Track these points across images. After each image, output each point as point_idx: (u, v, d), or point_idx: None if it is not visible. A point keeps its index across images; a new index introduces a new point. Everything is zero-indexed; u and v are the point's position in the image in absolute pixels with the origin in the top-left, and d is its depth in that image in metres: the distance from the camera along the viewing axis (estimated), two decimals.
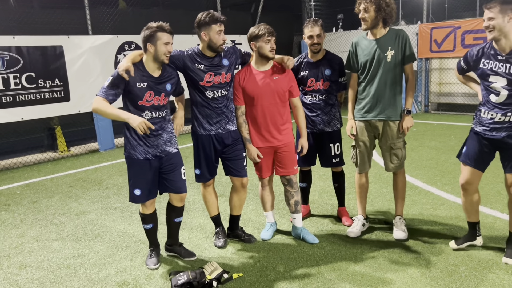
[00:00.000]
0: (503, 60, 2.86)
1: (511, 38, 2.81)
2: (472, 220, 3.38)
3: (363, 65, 3.58)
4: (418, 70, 10.18)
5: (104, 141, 8.02)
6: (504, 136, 2.99)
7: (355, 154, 3.80)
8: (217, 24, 3.30)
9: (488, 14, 2.83)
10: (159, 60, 3.12)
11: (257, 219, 4.31)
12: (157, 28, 3.07)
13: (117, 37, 7.97)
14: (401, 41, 3.50)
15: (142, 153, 3.18)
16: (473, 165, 3.20)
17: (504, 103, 2.93)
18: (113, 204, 5.01)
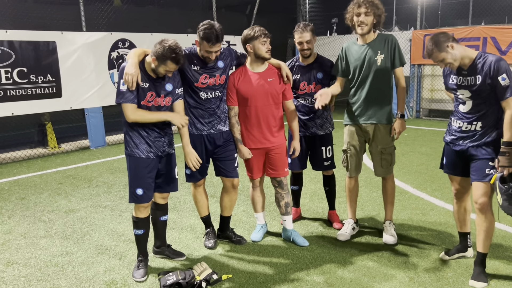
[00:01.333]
0: (464, 74, 2.99)
1: (465, 55, 2.93)
2: (463, 230, 3.39)
3: (354, 70, 3.60)
4: (410, 76, 10.26)
5: (95, 138, 7.97)
6: (469, 146, 3.04)
7: (345, 158, 3.82)
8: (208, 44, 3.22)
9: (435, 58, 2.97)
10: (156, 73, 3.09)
11: (247, 221, 4.31)
12: (170, 58, 2.94)
13: (111, 34, 7.93)
14: (390, 46, 3.54)
15: (144, 151, 3.16)
16: (457, 173, 3.25)
17: (469, 112, 3.02)
18: (103, 202, 4.97)
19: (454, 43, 2.91)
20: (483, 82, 2.88)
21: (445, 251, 3.46)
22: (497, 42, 8.90)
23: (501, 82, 2.82)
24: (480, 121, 2.98)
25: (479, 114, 2.98)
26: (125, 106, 3.04)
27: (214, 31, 3.20)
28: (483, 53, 2.95)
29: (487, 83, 2.87)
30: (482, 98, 2.94)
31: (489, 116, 2.97)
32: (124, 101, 3.04)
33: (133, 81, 2.98)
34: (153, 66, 3.01)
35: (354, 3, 3.47)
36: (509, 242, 3.66)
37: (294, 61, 4.02)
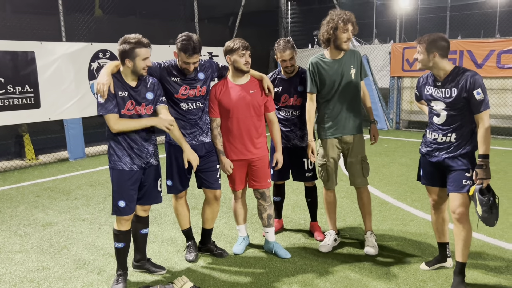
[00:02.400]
0: (439, 85, 3.06)
1: (442, 67, 3.02)
2: (442, 241, 3.43)
3: (330, 85, 3.64)
4: (390, 88, 10.44)
5: (75, 150, 7.83)
6: (445, 158, 3.10)
7: (325, 171, 3.83)
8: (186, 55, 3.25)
9: (418, 48, 3.06)
10: (137, 74, 3.09)
11: (229, 233, 4.27)
12: (135, 43, 3.01)
13: (91, 44, 7.86)
14: (358, 60, 3.70)
15: (128, 163, 3.13)
16: (434, 184, 3.29)
17: (444, 123, 3.08)
18: (82, 216, 4.87)
19: (439, 56, 2.98)
20: (458, 95, 2.96)
21: (425, 262, 3.50)
22: (473, 56, 9.15)
23: (476, 96, 2.90)
24: (455, 133, 3.05)
25: (453, 126, 3.04)
26: (108, 117, 3.02)
27: (191, 43, 3.22)
28: (458, 67, 3.03)
29: (463, 96, 2.94)
30: (456, 110, 3.01)
31: (463, 128, 3.03)
32: (105, 112, 3.01)
33: (105, 90, 2.97)
34: (132, 68, 3.04)
35: (340, 18, 3.49)
36: (487, 252, 3.72)
37: (276, 73, 4.04)
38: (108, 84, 3.01)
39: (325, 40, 3.58)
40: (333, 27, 3.49)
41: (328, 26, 3.52)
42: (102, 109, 3.03)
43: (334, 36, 3.52)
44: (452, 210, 3.09)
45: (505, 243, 3.89)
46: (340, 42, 3.52)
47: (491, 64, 8.90)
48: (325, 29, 3.55)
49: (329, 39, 3.55)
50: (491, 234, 4.04)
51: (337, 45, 3.55)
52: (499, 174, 6.19)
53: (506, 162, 6.92)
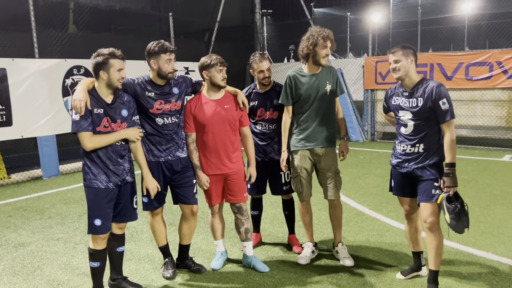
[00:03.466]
0: (407, 95, 3.17)
1: (412, 76, 3.14)
2: (416, 250, 3.50)
3: (305, 99, 3.72)
4: (364, 100, 10.65)
5: (48, 167, 7.66)
6: (414, 168, 3.19)
7: (298, 182, 3.87)
8: (166, 53, 3.32)
9: (393, 57, 3.16)
10: (113, 87, 3.10)
11: (207, 248, 4.25)
12: (109, 55, 3.05)
13: (65, 61, 7.77)
14: (334, 76, 3.81)
15: (103, 181, 3.09)
16: (405, 195, 3.37)
17: (411, 134, 3.18)
18: (56, 235, 4.76)
19: (415, 61, 3.13)
20: (424, 104, 3.06)
21: (401, 271, 3.55)
22: (443, 68, 9.44)
23: (442, 106, 3.01)
24: (422, 143, 3.14)
25: (420, 136, 3.14)
26: (81, 135, 3.00)
27: (164, 43, 3.36)
28: (425, 78, 3.15)
29: (429, 106, 3.05)
30: (423, 120, 3.11)
31: (430, 138, 3.13)
32: (79, 130, 2.99)
33: (82, 106, 2.95)
34: (107, 81, 3.06)
35: (320, 35, 3.58)
36: (460, 259, 3.81)
37: (251, 88, 4.09)
38: (85, 101, 2.99)
39: (304, 55, 3.67)
40: (313, 43, 3.59)
41: (308, 42, 3.61)
42: (76, 126, 3.01)
43: (313, 52, 3.61)
44: (423, 220, 3.16)
45: (477, 250, 3.99)
46: (319, 58, 3.62)
47: (460, 76, 9.21)
48: (304, 45, 3.64)
49: (308, 54, 3.64)
50: (463, 242, 4.14)
51: (316, 60, 3.65)
52: (470, 182, 6.37)
53: (477, 171, 7.13)
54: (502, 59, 8.65)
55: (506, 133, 9.03)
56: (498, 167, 7.37)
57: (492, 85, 8.88)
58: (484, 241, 4.19)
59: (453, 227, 3.02)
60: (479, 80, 8.99)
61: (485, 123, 9.18)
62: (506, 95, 8.86)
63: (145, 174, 3.32)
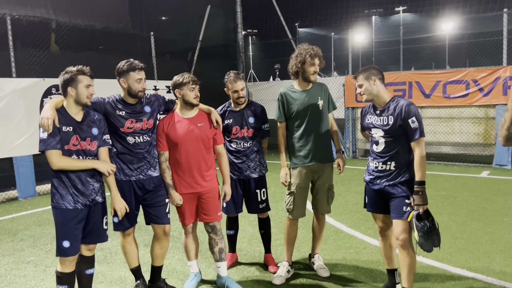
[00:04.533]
0: (378, 114, 3.23)
1: (382, 95, 3.19)
2: (390, 267, 3.49)
3: (298, 114, 3.77)
4: (345, 118, 10.74)
5: (24, 188, 7.50)
6: (386, 185, 3.21)
7: (292, 200, 3.86)
8: (135, 71, 3.31)
9: (356, 83, 3.25)
10: (81, 103, 3.07)
11: (182, 270, 4.17)
12: (77, 71, 3.05)
13: (43, 80, 7.70)
14: (325, 92, 3.87)
15: (71, 202, 3.03)
16: (378, 211, 3.39)
17: (383, 151, 3.21)
18: (27, 258, 4.62)
19: (379, 81, 3.16)
20: (394, 123, 3.10)
21: None
22: (421, 86, 9.61)
23: (411, 125, 3.04)
24: (394, 161, 3.17)
25: (391, 154, 3.17)
26: (49, 153, 2.95)
27: (133, 61, 3.35)
28: (396, 97, 3.19)
29: (398, 124, 3.08)
30: (393, 138, 3.14)
31: (401, 156, 3.16)
32: (47, 148, 2.95)
33: (49, 124, 2.91)
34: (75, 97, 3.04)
35: (308, 52, 3.67)
36: (435, 276, 3.80)
37: (226, 106, 4.09)
38: (52, 118, 2.96)
39: (294, 72, 3.78)
40: (301, 61, 3.69)
41: (297, 60, 3.71)
42: (43, 144, 2.97)
43: (302, 69, 3.71)
44: (395, 237, 3.16)
45: (452, 267, 3.99)
46: (308, 74, 3.71)
47: (438, 94, 9.37)
48: (293, 63, 3.74)
49: (298, 72, 3.74)
50: (439, 259, 4.14)
51: (305, 77, 3.74)
52: (449, 199, 6.42)
53: (455, 187, 7.19)
54: (478, 77, 8.85)
55: (484, 150, 9.17)
56: (476, 183, 7.45)
57: (469, 103, 9.05)
58: (460, 257, 4.19)
59: (421, 245, 3.01)
60: (456, 97, 9.16)
61: (464, 140, 9.31)
62: (482, 112, 9.03)
63: (113, 194, 3.26)
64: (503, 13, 8.84)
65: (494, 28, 12.53)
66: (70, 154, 3.03)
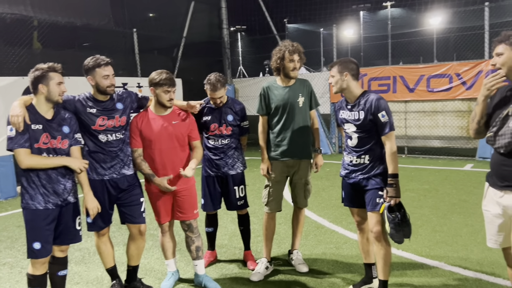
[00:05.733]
0: (349, 108, 3.22)
1: (352, 90, 3.19)
2: (367, 261, 3.50)
3: (277, 109, 3.77)
4: (331, 113, 10.74)
5: (5, 188, 7.39)
6: (360, 179, 3.22)
7: (267, 194, 3.84)
8: (101, 67, 3.24)
9: (331, 72, 3.23)
10: (53, 101, 3.00)
11: (160, 269, 4.13)
12: (48, 68, 2.97)
13: (23, 78, 7.55)
14: (308, 89, 3.86)
15: (42, 202, 2.96)
16: (354, 205, 3.40)
17: (357, 145, 3.21)
18: (3, 259, 4.54)
19: (350, 76, 3.14)
20: (365, 117, 3.09)
21: (353, 284, 3.53)
22: (405, 81, 9.63)
23: (381, 119, 3.04)
24: (367, 155, 3.16)
25: (365, 148, 3.16)
26: (17, 152, 2.89)
27: (99, 57, 3.28)
28: (367, 92, 3.17)
29: (369, 119, 3.07)
30: (365, 132, 3.14)
31: (374, 149, 3.16)
32: (14, 147, 2.88)
33: (20, 122, 2.84)
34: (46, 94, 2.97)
35: (287, 48, 3.68)
36: (413, 270, 3.81)
37: (205, 101, 4.04)
38: (22, 116, 2.88)
39: (275, 68, 3.80)
40: (280, 57, 3.70)
41: (276, 56, 3.73)
42: (11, 143, 2.89)
43: (282, 65, 3.71)
44: (370, 229, 3.18)
45: (431, 260, 4.00)
46: (288, 70, 3.72)
47: (422, 88, 9.41)
48: (274, 59, 3.76)
49: (278, 68, 3.75)
50: (417, 252, 4.15)
51: (285, 73, 3.75)
52: (431, 192, 6.44)
53: (439, 180, 7.22)
54: (461, 71, 8.89)
55: (468, 143, 9.23)
56: (459, 176, 7.50)
57: (452, 96, 9.10)
58: (438, 250, 4.21)
59: (392, 236, 3.04)
60: (440, 91, 9.20)
61: (448, 133, 9.37)
62: (465, 105, 9.08)
63: (85, 192, 3.21)
64: (485, 6, 8.88)
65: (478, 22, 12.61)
66: (40, 152, 2.96)
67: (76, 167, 3.07)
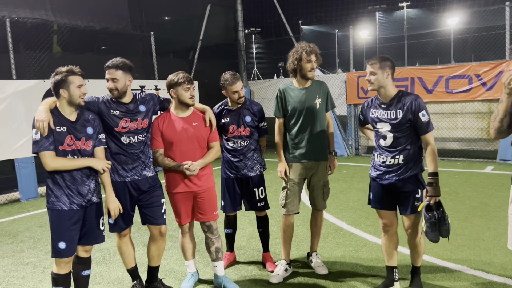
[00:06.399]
0: (385, 107, 3.19)
1: (389, 89, 3.16)
2: (390, 264, 3.46)
3: (294, 111, 3.76)
4: (347, 115, 10.68)
5: (27, 190, 7.53)
6: (396, 180, 3.20)
7: (285, 196, 3.84)
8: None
9: (370, 69, 3.17)
10: (75, 104, 3.05)
11: (180, 269, 4.15)
12: (67, 72, 3.02)
13: (44, 81, 7.71)
14: (324, 91, 3.84)
15: (67, 203, 3.01)
16: (384, 207, 3.36)
17: (391, 145, 3.20)
18: (26, 259, 4.63)
19: (390, 74, 3.13)
20: (404, 117, 3.08)
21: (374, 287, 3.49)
22: (423, 82, 9.52)
23: (422, 118, 3.05)
24: (402, 155, 3.16)
25: (400, 148, 3.17)
26: (43, 155, 2.95)
27: (114, 61, 3.33)
28: (402, 91, 3.18)
29: (408, 118, 3.07)
30: (401, 132, 3.13)
31: (409, 150, 3.16)
32: (40, 150, 2.94)
33: (45, 127, 2.90)
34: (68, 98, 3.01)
35: (304, 49, 3.66)
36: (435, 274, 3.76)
37: (223, 104, 4.06)
38: (47, 121, 2.94)
39: (292, 70, 3.77)
40: (297, 58, 3.68)
41: (293, 57, 3.71)
42: (36, 146, 2.96)
43: (299, 66, 3.69)
44: (405, 228, 3.28)
45: (453, 264, 3.94)
46: (305, 71, 3.70)
47: (441, 90, 9.28)
48: (290, 60, 3.75)
49: (295, 69, 3.74)
50: (439, 256, 4.10)
51: (303, 74, 3.72)
52: (451, 195, 6.35)
53: (458, 183, 7.12)
54: (481, 71, 8.74)
55: (488, 145, 9.07)
56: (479, 179, 7.37)
57: (472, 98, 8.96)
58: (460, 254, 4.14)
59: (428, 235, 3.08)
60: (459, 93, 9.06)
61: (467, 135, 9.22)
62: (486, 107, 8.93)
63: (107, 193, 3.25)
64: (505, 6, 8.73)
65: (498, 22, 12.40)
66: (65, 154, 3.02)
67: (100, 167, 3.12)
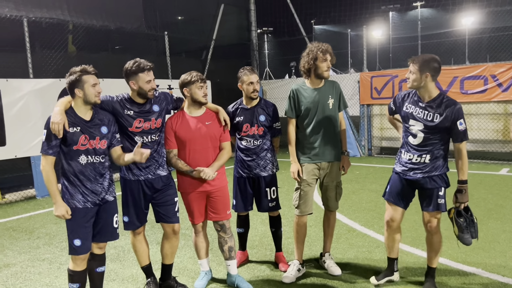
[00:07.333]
0: (422, 107, 3.18)
1: (429, 90, 3.16)
2: (391, 256, 3.59)
3: (307, 112, 3.75)
4: (360, 115, 10.63)
5: (42, 187, 7.63)
6: (420, 177, 3.24)
7: (298, 196, 3.83)
8: (144, 72, 3.30)
9: (410, 67, 3.17)
10: (90, 102, 3.09)
11: (193, 268, 4.18)
12: (81, 71, 3.05)
13: (60, 80, 7.82)
14: (337, 91, 3.83)
15: (81, 201, 3.07)
16: (396, 202, 3.41)
17: (420, 145, 3.21)
18: (42, 255, 4.70)
19: (431, 77, 3.11)
20: (442, 122, 3.09)
21: (375, 276, 3.64)
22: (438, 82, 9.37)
23: (459, 127, 3.08)
24: (429, 154, 3.19)
25: (428, 148, 3.19)
26: (43, 157, 3.02)
27: (141, 61, 3.31)
28: (443, 94, 3.18)
29: (446, 125, 3.08)
30: (434, 134, 3.15)
31: (437, 150, 3.19)
32: (41, 152, 3.02)
33: (60, 129, 2.94)
34: (83, 98, 3.05)
35: (319, 49, 3.65)
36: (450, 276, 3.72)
37: (238, 103, 4.08)
38: (62, 123, 2.98)
39: (306, 70, 3.74)
40: (313, 57, 3.66)
41: (308, 57, 3.69)
42: (41, 148, 3.03)
43: (314, 66, 3.68)
44: (426, 223, 3.32)
45: (468, 266, 3.90)
46: (321, 71, 3.68)
47: (455, 90, 9.18)
48: (305, 60, 3.71)
49: (310, 69, 3.71)
50: (454, 258, 4.06)
51: (318, 74, 3.70)
52: None
53: (473, 185, 7.03)
54: (497, 72, 8.63)
55: (503, 146, 8.95)
56: (494, 181, 7.28)
57: (488, 99, 8.84)
58: (475, 257, 4.10)
59: (461, 239, 3.15)
60: (474, 93, 8.96)
61: (482, 136, 9.11)
62: (501, 108, 8.81)
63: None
64: None
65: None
66: (78, 154, 3.06)
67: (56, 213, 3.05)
